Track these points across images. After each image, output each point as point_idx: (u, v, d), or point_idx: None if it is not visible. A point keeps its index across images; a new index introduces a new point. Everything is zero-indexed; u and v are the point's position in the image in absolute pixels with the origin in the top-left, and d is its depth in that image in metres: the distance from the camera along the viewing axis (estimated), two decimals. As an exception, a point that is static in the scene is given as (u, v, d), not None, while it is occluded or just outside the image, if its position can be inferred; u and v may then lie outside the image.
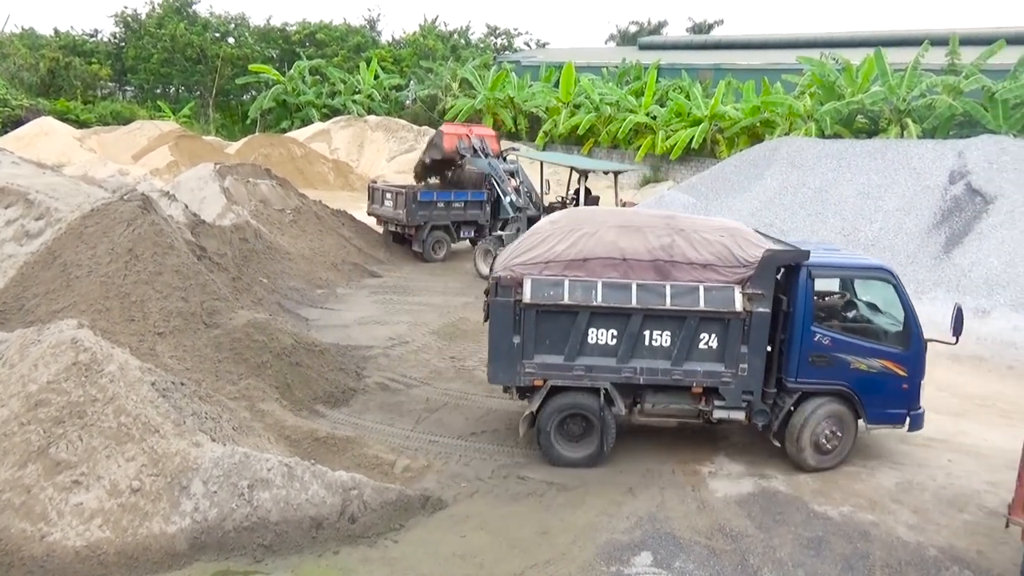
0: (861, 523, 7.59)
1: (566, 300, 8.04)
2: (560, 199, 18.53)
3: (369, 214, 20.11)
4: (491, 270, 9.04)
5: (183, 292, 10.42)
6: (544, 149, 36.69)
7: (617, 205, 21.13)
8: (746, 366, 8.26)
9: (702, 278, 8.20)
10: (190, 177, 18.60)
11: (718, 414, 8.53)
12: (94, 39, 52.00)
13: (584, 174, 16.97)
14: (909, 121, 24.93)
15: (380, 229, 20.08)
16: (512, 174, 17.75)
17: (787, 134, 27.30)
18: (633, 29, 64.13)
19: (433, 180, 20.52)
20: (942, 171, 20.36)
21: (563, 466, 8.46)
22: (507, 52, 58.82)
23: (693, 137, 30.73)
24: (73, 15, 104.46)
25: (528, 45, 63.87)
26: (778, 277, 8.48)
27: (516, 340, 8.16)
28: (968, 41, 28.07)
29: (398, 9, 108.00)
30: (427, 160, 19.94)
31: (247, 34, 53.28)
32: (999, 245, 17.48)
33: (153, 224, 10.91)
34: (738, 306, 8.09)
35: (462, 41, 57.58)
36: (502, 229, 18.50)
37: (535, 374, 8.31)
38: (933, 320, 15.66)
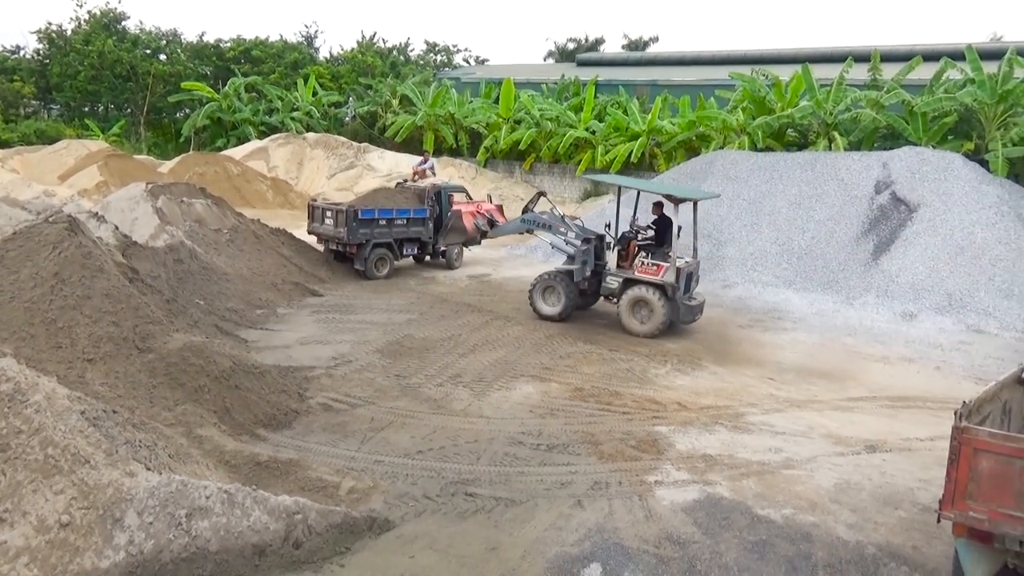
0: (803, 525, 7.78)
1: None
2: (634, 229, 16.30)
3: (309, 232, 19.80)
4: None
5: (114, 316, 10.02)
6: (485, 165, 36.84)
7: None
8: None
9: None
10: (120, 197, 17.98)
11: None
12: (16, 56, 50.02)
13: (676, 203, 14.87)
14: (836, 134, 25.89)
15: (321, 247, 19.80)
16: (559, 217, 16.29)
17: (722, 147, 28.06)
18: (571, 46, 65.19)
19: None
20: (868, 181, 21.20)
21: None
22: (446, 68, 59.01)
23: (632, 151, 31.29)
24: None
25: (467, 62, 64.25)
26: None
27: None
28: (888, 57, 29.42)
29: (335, 26, 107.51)
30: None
31: (179, 51, 52.05)
32: (923, 251, 18.29)
33: (80, 246, 10.47)
34: None
35: (401, 58, 57.49)
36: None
37: None
38: (863, 324, 16.34)
